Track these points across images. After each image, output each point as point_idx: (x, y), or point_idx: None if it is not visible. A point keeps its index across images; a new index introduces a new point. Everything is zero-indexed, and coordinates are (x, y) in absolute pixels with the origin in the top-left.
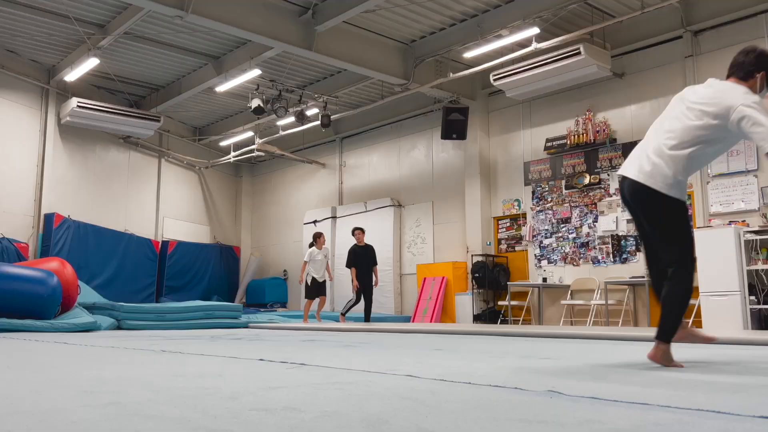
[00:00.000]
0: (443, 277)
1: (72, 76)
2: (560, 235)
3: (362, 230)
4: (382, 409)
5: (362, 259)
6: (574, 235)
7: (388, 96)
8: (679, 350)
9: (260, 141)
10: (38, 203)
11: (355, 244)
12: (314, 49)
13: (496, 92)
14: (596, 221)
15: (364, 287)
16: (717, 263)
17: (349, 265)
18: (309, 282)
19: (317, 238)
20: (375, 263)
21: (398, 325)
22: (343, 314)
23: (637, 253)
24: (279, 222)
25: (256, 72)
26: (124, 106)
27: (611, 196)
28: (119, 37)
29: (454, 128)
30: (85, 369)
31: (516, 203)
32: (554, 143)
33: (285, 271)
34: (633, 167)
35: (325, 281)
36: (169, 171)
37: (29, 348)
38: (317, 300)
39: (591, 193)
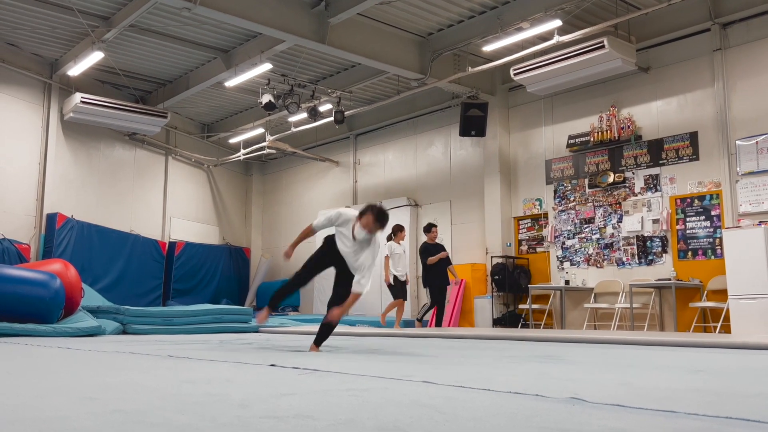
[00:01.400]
0: (462, 280)
1: (75, 70)
2: (583, 235)
3: (436, 227)
4: (398, 416)
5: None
6: (597, 235)
7: (404, 91)
8: (706, 356)
9: (271, 138)
10: (40, 203)
11: (426, 242)
12: (327, 42)
13: (516, 87)
14: (621, 221)
15: (439, 288)
16: (746, 265)
17: (423, 263)
18: (391, 281)
19: (398, 231)
20: (449, 262)
21: (415, 330)
22: (419, 320)
23: (664, 254)
24: (291, 222)
25: (266, 66)
26: (130, 101)
27: (636, 196)
28: (124, 29)
29: (472, 125)
30: (89, 375)
31: (537, 203)
32: (577, 140)
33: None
34: None
35: (406, 281)
36: (177, 169)
37: (31, 353)
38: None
39: (615, 192)
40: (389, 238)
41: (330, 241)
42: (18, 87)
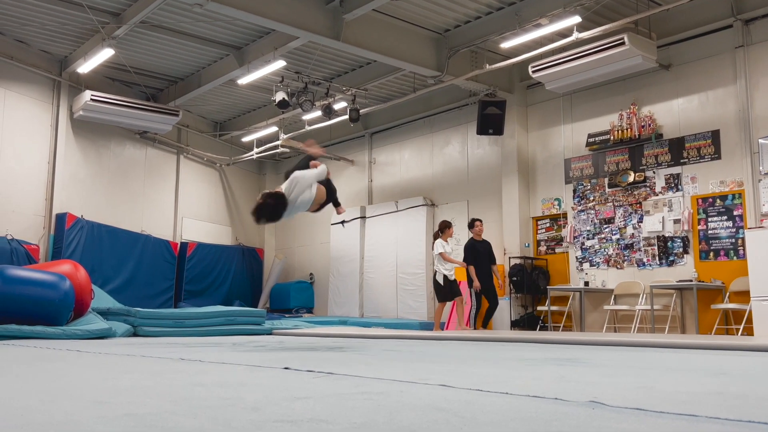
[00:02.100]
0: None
1: (85, 67)
2: (603, 236)
3: (481, 221)
4: (415, 420)
5: (482, 256)
6: (617, 236)
7: (421, 89)
8: (728, 359)
9: (285, 136)
10: (49, 202)
11: (473, 239)
12: (342, 38)
13: (535, 85)
14: (641, 221)
15: (486, 288)
16: None
17: (468, 262)
18: (441, 281)
19: (445, 227)
20: (494, 261)
21: (431, 332)
22: (471, 321)
23: (685, 255)
24: (305, 223)
25: (280, 63)
26: (141, 99)
27: (657, 195)
28: (135, 26)
29: (490, 123)
30: (99, 378)
31: (556, 202)
32: (597, 139)
33: (311, 274)
34: None
35: (455, 280)
36: (189, 168)
37: (40, 356)
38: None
39: (636, 192)
40: (436, 236)
41: None
42: (27, 84)
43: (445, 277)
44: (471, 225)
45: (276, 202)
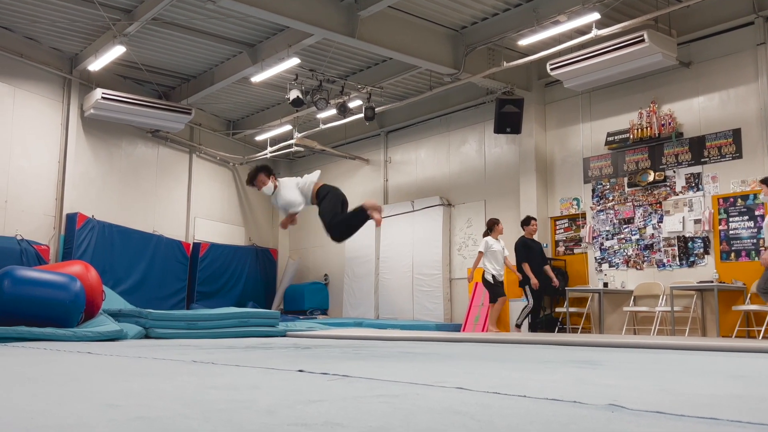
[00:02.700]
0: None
1: (96, 65)
2: (622, 236)
3: (535, 219)
4: (431, 424)
5: (536, 254)
6: (637, 236)
7: (437, 87)
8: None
9: (299, 135)
10: (60, 202)
11: (524, 236)
12: (357, 36)
13: (553, 83)
14: (661, 221)
15: (540, 291)
16: None
17: (521, 260)
18: (491, 280)
19: (494, 225)
20: (546, 261)
21: (448, 334)
22: (518, 325)
23: (706, 256)
24: (319, 223)
25: (294, 61)
26: (153, 97)
27: (677, 195)
28: (147, 23)
29: (507, 121)
30: (110, 381)
31: (575, 202)
32: (616, 138)
33: (326, 275)
34: None
35: (503, 280)
36: (201, 167)
37: (50, 358)
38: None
39: (656, 192)
40: (485, 234)
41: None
42: (37, 82)
43: (493, 276)
44: (526, 222)
45: (257, 173)
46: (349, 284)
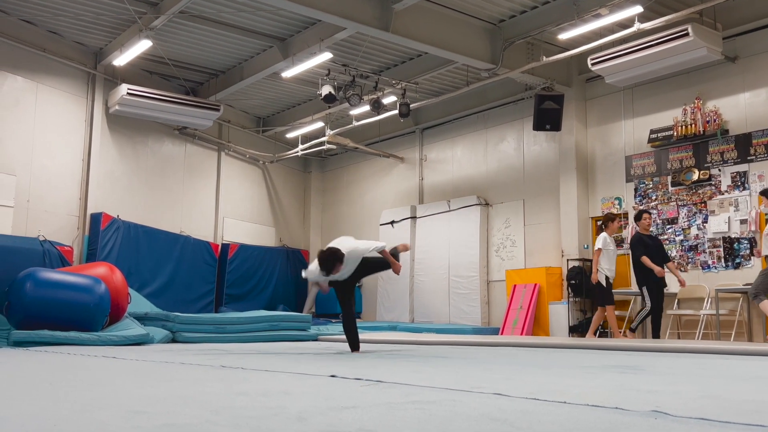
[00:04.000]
0: (535, 284)
1: (121, 60)
2: (666, 237)
3: (649, 213)
4: (468, 431)
5: (654, 251)
6: (681, 237)
7: (474, 82)
8: None
9: (331, 132)
10: (84, 202)
11: (639, 232)
12: (391, 29)
13: (594, 78)
14: (706, 222)
15: (657, 288)
16: None
17: (639, 255)
18: (603, 282)
19: (611, 220)
20: (668, 258)
21: (485, 338)
22: (633, 330)
23: (752, 257)
24: (352, 223)
25: (326, 55)
26: (180, 93)
27: (722, 194)
28: (174, 16)
29: (547, 118)
30: (136, 387)
31: (616, 202)
32: (659, 135)
33: None
34: None
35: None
36: (230, 166)
37: (74, 363)
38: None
39: (700, 191)
40: (601, 229)
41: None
42: (60, 78)
43: (606, 278)
44: (638, 217)
45: (334, 262)
46: (383, 287)
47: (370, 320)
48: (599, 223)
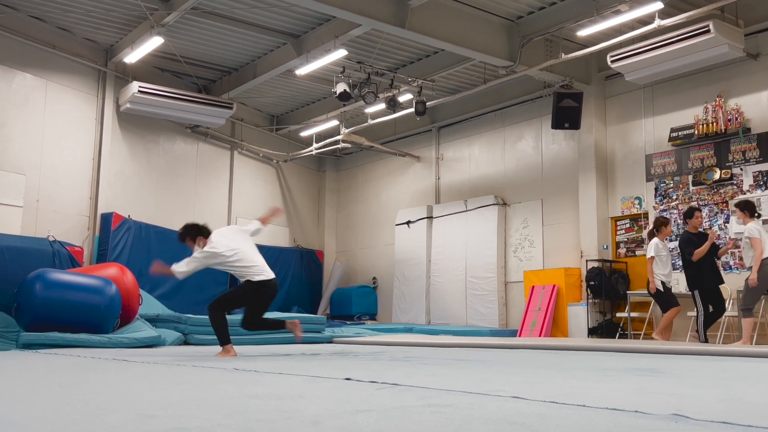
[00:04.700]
0: (554, 286)
1: (132, 57)
2: None
3: (700, 211)
4: None
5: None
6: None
7: (492, 80)
8: None
9: (346, 131)
10: (94, 202)
11: (688, 231)
12: (407, 26)
13: (613, 75)
14: (728, 222)
15: (711, 290)
16: None
17: (687, 256)
18: (660, 288)
19: (663, 225)
20: (718, 256)
21: (503, 340)
22: (700, 333)
23: None
24: (367, 223)
25: (341, 53)
26: (192, 91)
27: (744, 194)
28: (186, 12)
29: (566, 116)
30: (147, 390)
31: (636, 201)
32: (680, 133)
33: (374, 278)
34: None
35: (671, 287)
36: (243, 165)
37: (84, 365)
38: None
39: (722, 190)
40: (652, 235)
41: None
42: (70, 75)
43: (663, 283)
44: (689, 215)
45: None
46: (399, 288)
47: (385, 322)
48: (649, 228)
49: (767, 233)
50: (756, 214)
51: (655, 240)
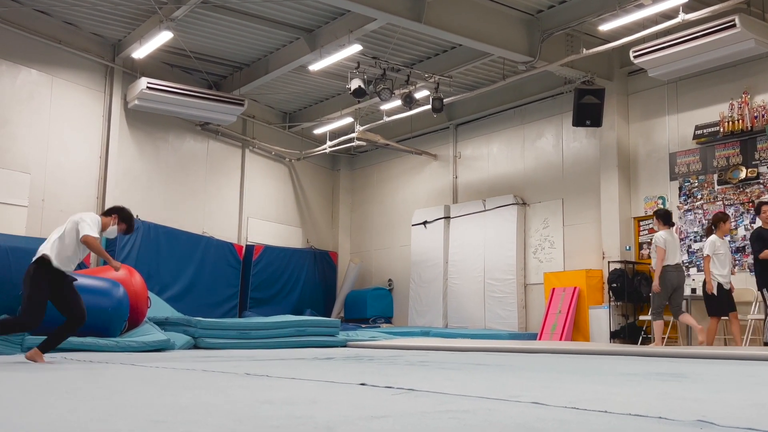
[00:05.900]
0: (575, 288)
1: (141, 52)
2: None
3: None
4: None
5: None
6: (728, 238)
7: (511, 76)
8: None
9: (361, 128)
10: (101, 201)
11: (761, 227)
12: (424, 20)
13: (636, 71)
14: (754, 222)
15: None
16: None
17: (758, 251)
18: (715, 290)
19: (722, 221)
20: None
21: (522, 344)
22: (767, 343)
23: None
24: (383, 223)
25: (356, 48)
26: (202, 87)
27: None
28: (196, 6)
29: (587, 113)
30: (156, 395)
31: (660, 201)
32: (705, 131)
33: (390, 280)
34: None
35: (732, 288)
36: (255, 163)
37: (92, 370)
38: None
39: (748, 190)
40: (710, 231)
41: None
42: (77, 71)
43: (720, 285)
44: (758, 210)
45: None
46: (416, 290)
47: (401, 325)
48: (706, 224)
49: (676, 244)
50: (671, 224)
51: (713, 237)
